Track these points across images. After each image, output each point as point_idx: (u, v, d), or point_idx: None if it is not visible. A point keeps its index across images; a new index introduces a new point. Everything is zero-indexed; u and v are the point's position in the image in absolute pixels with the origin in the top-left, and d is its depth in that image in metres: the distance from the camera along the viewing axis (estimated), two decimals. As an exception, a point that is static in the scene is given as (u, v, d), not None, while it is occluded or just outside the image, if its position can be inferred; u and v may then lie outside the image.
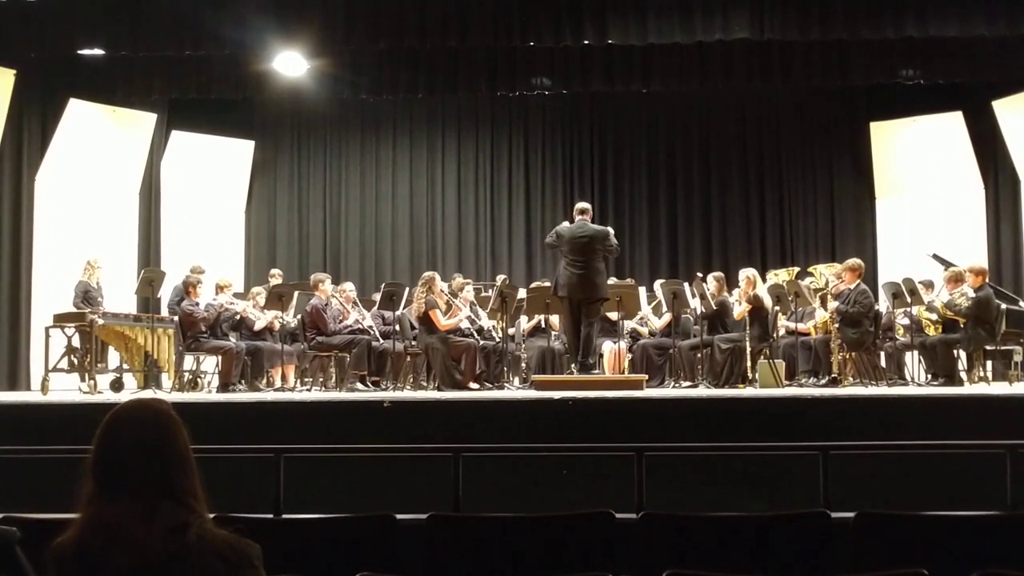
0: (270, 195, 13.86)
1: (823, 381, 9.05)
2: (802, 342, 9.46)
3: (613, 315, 9.48)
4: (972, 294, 8.99)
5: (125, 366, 9.90)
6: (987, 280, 9.29)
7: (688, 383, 9.24)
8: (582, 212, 8.79)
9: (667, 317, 9.72)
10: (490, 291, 10.34)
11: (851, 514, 3.36)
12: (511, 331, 9.93)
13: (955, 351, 9.11)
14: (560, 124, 13.91)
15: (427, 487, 4.53)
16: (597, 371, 8.80)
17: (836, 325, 9.05)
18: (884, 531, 3.36)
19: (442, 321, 9.06)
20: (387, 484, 5.22)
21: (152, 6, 9.39)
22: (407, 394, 8.63)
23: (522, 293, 9.78)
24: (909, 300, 9.12)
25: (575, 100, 13.43)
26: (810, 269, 10.79)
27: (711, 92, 12.65)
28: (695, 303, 9.52)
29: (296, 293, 9.87)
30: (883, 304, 9.73)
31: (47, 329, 9.40)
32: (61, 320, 9.36)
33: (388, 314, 9.73)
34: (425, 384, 9.33)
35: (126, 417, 2.09)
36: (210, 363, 9.82)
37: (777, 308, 9.50)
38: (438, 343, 8.96)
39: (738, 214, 13.59)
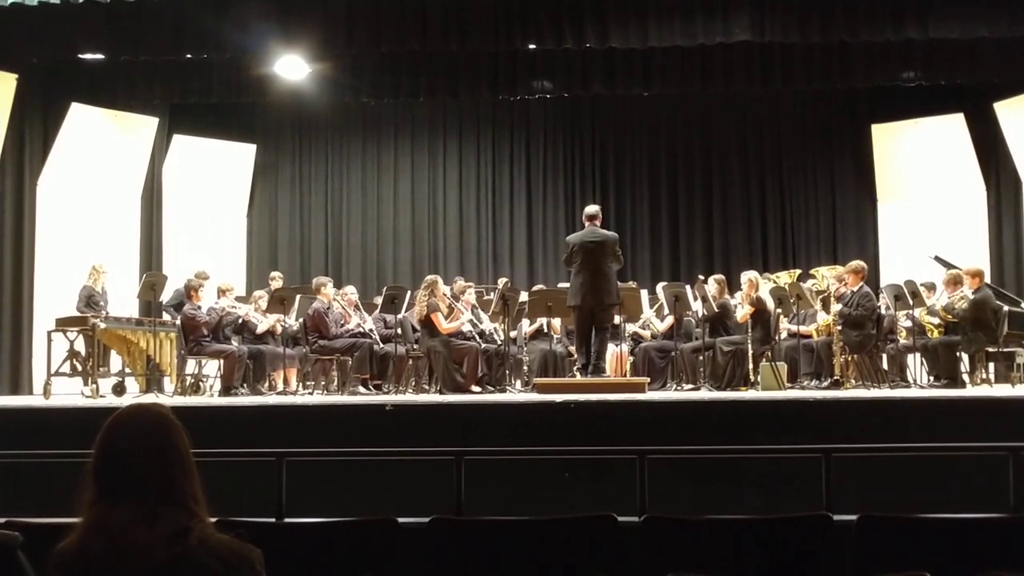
0: (272, 199, 13.89)
1: (825, 383, 9.04)
2: (804, 344, 9.45)
3: (615, 318, 9.48)
4: (971, 296, 8.99)
5: (127, 370, 9.91)
6: (984, 281, 9.29)
7: (690, 386, 9.24)
8: (591, 218, 8.76)
9: (669, 320, 9.72)
10: (492, 294, 10.35)
11: (853, 517, 3.36)
12: (513, 334, 9.93)
13: (957, 353, 9.10)
14: (561, 127, 13.93)
15: (429, 490, 4.52)
16: (608, 374, 8.80)
17: (839, 327, 9.05)
18: (887, 534, 3.36)
19: (444, 324, 9.06)
20: (389, 487, 5.22)
21: (154, 10, 9.40)
22: (409, 397, 8.64)
23: (524, 296, 9.77)
24: (911, 302, 9.11)
25: (576, 103, 13.45)
26: (812, 271, 10.80)
27: (712, 95, 12.65)
28: (697, 306, 9.52)
29: (298, 297, 9.87)
30: (885, 306, 9.72)
31: (49, 333, 9.41)
32: (63, 324, 9.37)
33: (390, 317, 9.73)
34: (427, 387, 9.32)
35: (127, 422, 2.10)
36: (212, 367, 9.82)
37: (779, 310, 9.50)
38: (440, 346, 8.96)
39: (739, 217, 13.60)
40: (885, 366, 9.62)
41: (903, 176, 12.94)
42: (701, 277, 9.87)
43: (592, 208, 9.00)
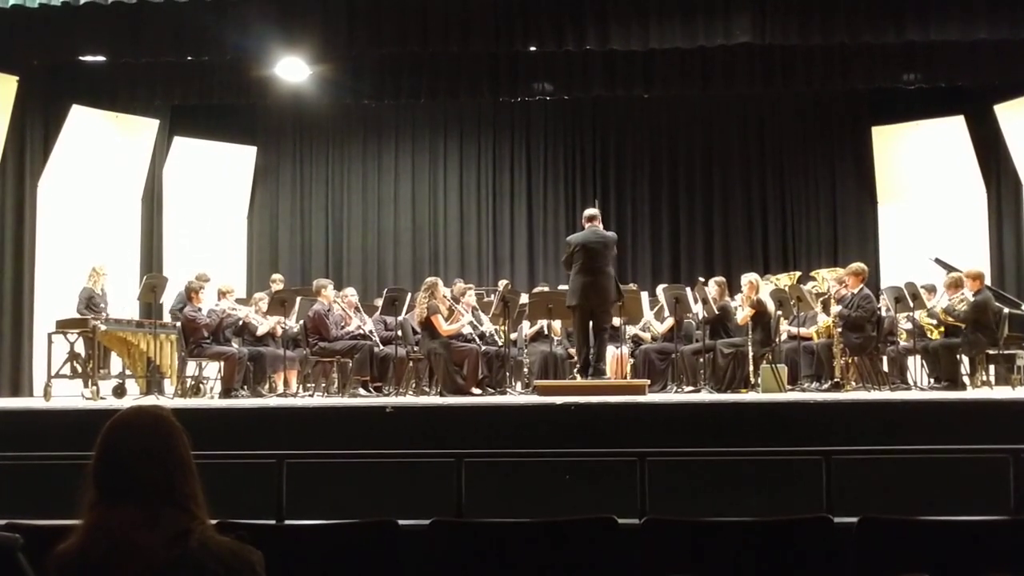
0: (272, 201, 13.89)
1: (826, 385, 9.04)
2: (804, 346, 9.44)
3: (616, 320, 9.48)
4: (971, 298, 8.99)
5: (128, 372, 9.91)
6: (984, 284, 9.29)
7: (690, 388, 9.24)
8: (591, 219, 8.77)
9: (669, 322, 9.71)
10: (492, 296, 10.35)
11: (854, 519, 3.36)
12: (513, 336, 9.93)
13: (958, 355, 9.10)
14: (562, 129, 13.93)
15: (430, 493, 4.52)
16: (608, 376, 8.81)
17: (839, 329, 9.05)
18: (887, 536, 3.36)
19: (444, 326, 9.05)
20: (389, 490, 5.21)
21: (154, 12, 9.39)
22: (409, 399, 8.63)
23: (524, 298, 9.76)
24: (911, 304, 9.11)
25: (577, 105, 13.44)
26: (812, 273, 10.81)
27: (713, 96, 12.66)
28: (697, 308, 9.51)
29: (298, 299, 9.87)
30: (885, 308, 9.72)
31: (50, 335, 9.40)
32: (64, 326, 9.37)
33: (390, 319, 9.72)
34: (427, 389, 9.33)
35: (126, 424, 2.10)
36: (212, 369, 9.83)
37: (779, 312, 9.50)
38: (440, 348, 8.95)
39: (740, 218, 13.60)
40: (885, 368, 9.61)
41: (904, 178, 12.94)
42: (701, 279, 9.87)
43: (592, 210, 9.01)
